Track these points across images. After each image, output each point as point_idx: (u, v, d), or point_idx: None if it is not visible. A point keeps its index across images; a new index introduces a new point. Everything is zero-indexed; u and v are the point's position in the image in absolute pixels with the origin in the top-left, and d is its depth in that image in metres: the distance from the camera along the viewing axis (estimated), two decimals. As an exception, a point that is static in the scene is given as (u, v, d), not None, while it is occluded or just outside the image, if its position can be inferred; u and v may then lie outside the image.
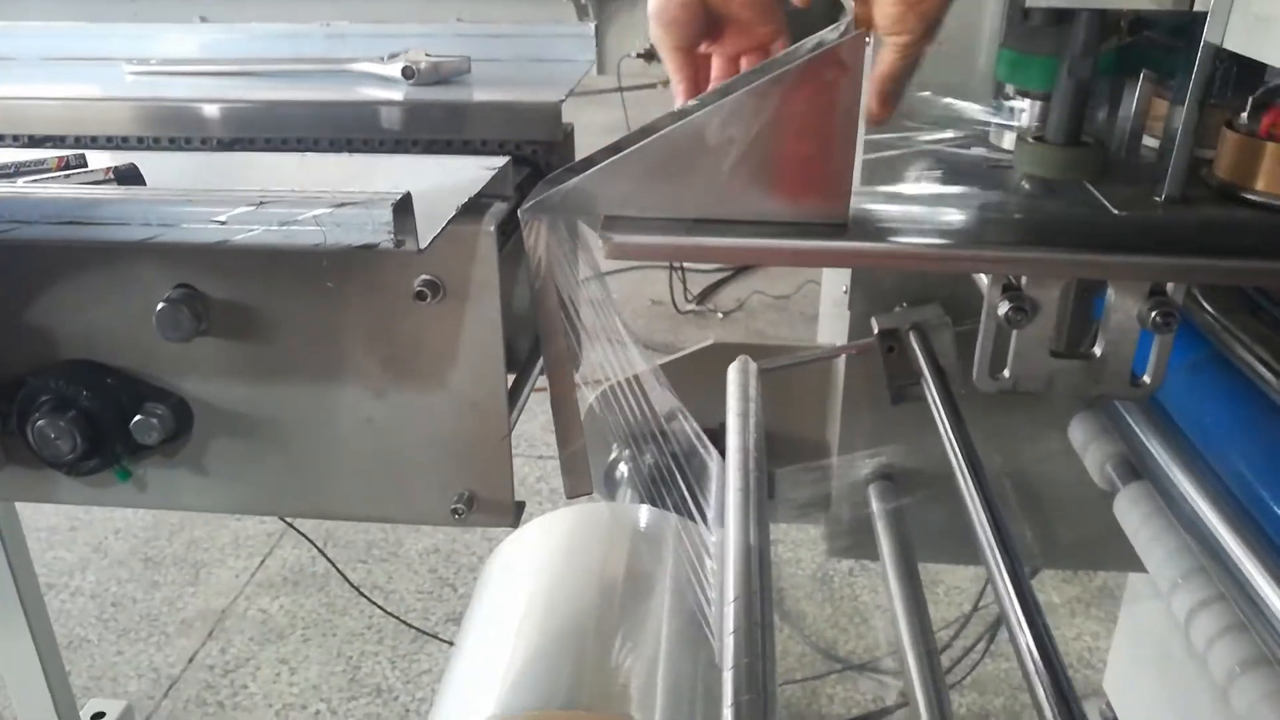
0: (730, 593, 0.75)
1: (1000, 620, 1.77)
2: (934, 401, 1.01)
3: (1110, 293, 0.72)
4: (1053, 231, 0.69)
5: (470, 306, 0.62)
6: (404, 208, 0.49)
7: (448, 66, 0.85)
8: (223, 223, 0.47)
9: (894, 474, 1.22)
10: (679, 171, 0.65)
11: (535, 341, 0.82)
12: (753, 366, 1.08)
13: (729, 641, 0.71)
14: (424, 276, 0.61)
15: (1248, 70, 0.66)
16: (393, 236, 0.48)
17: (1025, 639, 0.72)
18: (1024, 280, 0.73)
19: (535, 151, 0.79)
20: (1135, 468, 1.03)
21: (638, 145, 0.65)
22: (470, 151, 0.76)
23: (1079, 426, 1.14)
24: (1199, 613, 0.86)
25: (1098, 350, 0.76)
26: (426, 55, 0.85)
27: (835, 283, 1.24)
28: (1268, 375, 0.78)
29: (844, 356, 1.18)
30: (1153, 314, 0.71)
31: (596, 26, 0.97)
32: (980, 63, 1.04)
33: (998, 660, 1.84)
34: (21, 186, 0.53)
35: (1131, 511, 1.01)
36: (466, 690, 0.76)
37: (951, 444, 0.95)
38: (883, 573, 1.11)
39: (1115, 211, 0.66)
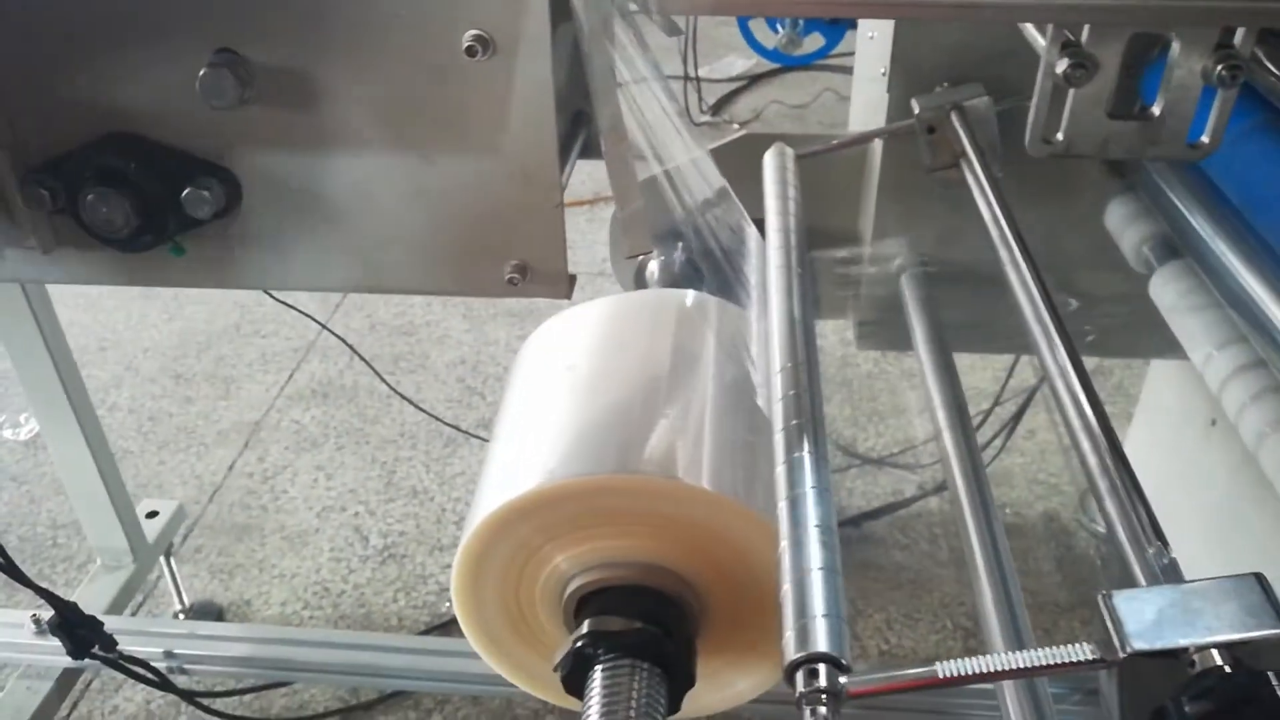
0: (777, 362, 0.76)
1: (1018, 416, 1.81)
2: (976, 182, 1.00)
3: (1175, 46, 0.69)
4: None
5: (520, 64, 0.61)
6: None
7: None
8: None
9: (928, 262, 1.22)
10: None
11: (573, 119, 0.81)
12: (789, 152, 1.06)
13: (778, 408, 0.72)
14: (474, 31, 0.59)
15: None
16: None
17: (1086, 423, 0.73)
18: (1084, 35, 0.70)
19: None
20: (1175, 247, 1.03)
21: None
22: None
23: (1115, 210, 1.13)
24: (1233, 380, 0.88)
25: (1156, 110, 0.74)
26: None
27: (870, 64, 1.20)
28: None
29: (880, 142, 1.15)
30: (1218, 68, 0.68)
31: None
32: None
33: (1013, 455, 1.90)
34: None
35: (1168, 289, 1.01)
36: (513, 464, 0.78)
37: (995, 221, 0.94)
38: (916, 361, 1.13)
39: (1193, -50, 0.63)
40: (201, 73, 0.61)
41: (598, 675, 0.71)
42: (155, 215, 0.66)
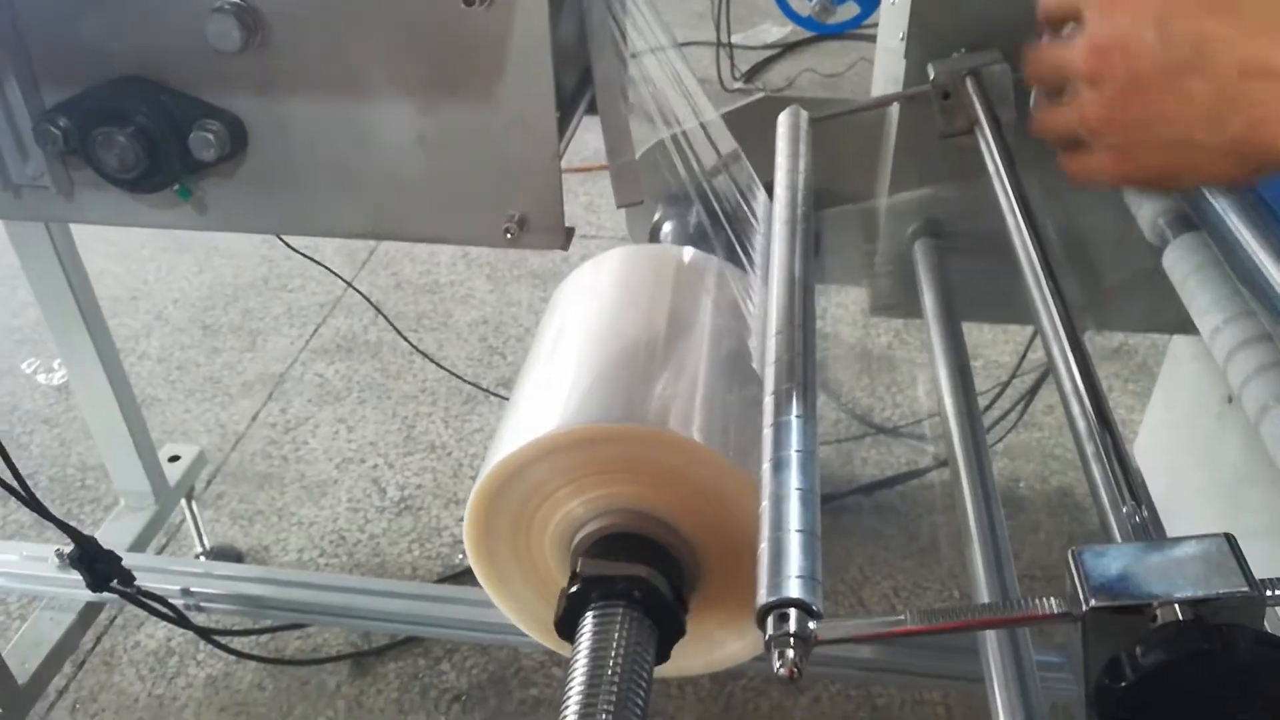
0: (774, 324, 0.77)
1: (1034, 390, 1.80)
2: (988, 150, 0.99)
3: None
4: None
5: (518, 13, 0.61)
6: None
7: None
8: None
9: (941, 231, 1.22)
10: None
11: (580, 78, 0.81)
12: (803, 115, 1.06)
13: (770, 372, 0.73)
14: (472, -21, 0.60)
15: None
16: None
17: (1075, 386, 0.71)
18: None
19: None
20: (1190, 220, 1.02)
21: None
22: None
23: (1135, 182, 1.12)
24: (1239, 352, 0.87)
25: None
26: None
27: (891, 30, 1.19)
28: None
29: (897, 108, 1.15)
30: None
31: None
32: None
33: (1030, 430, 1.89)
34: None
35: (1181, 262, 1.00)
36: (534, 408, 0.80)
37: (1005, 192, 0.93)
38: (925, 329, 1.12)
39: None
40: (207, 18, 0.62)
41: (589, 618, 0.73)
42: (162, 157, 0.67)
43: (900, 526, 1.69)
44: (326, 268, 1.86)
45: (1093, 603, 0.48)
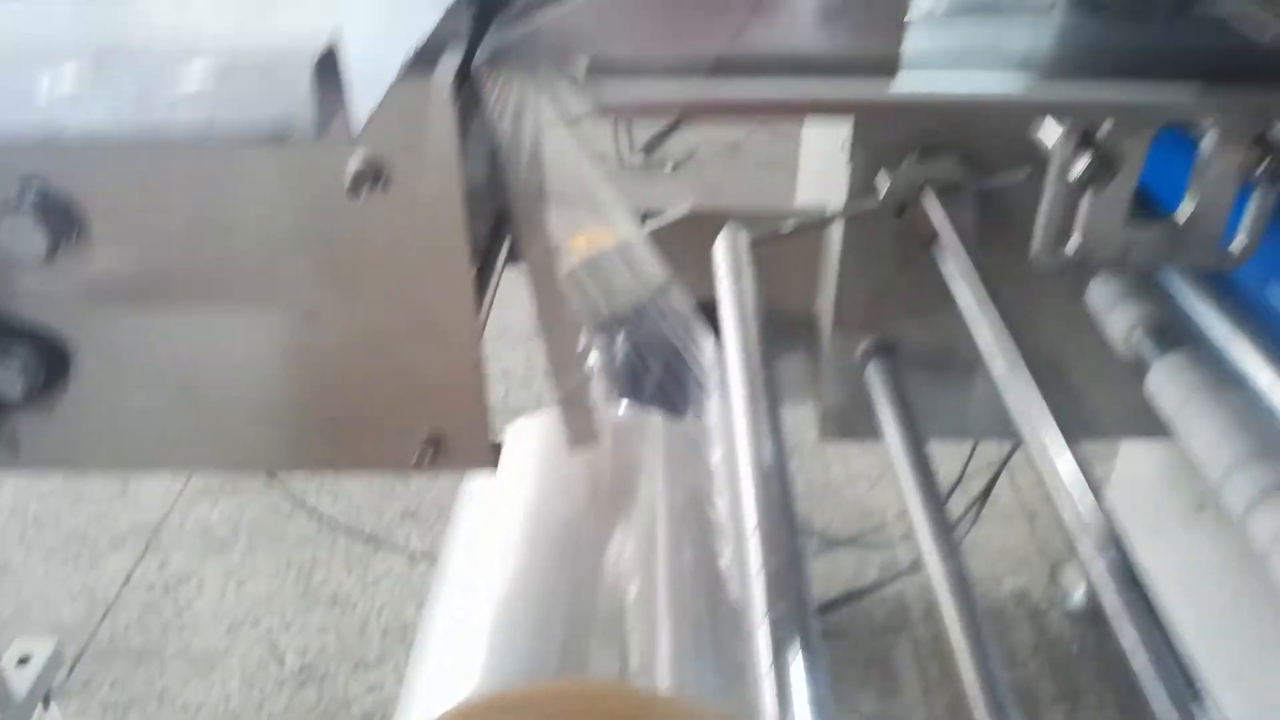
0: (749, 516, 0.63)
1: (985, 493, 1.69)
2: (957, 266, 0.88)
3: (1211, 137, 0.59)
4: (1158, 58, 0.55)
5: (422, 194, 0.47)
6: (329, 68, 0.32)
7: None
8: (46, 104, 0.30)
9: (896, 348, 1.11)
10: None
11: (492, 228, 0.67)
12: (744, 237, 0.94)
13: (757, 587, 0.59)
14: (360, 159, 0.45)
15: None
16: (315, 116, 0.31)
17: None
18: (1105, 129, 0.59)
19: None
20: (1174, 335, 0.92)
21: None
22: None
23: (1099, 290, 1.03)
24: (1267, 503, 0.77)
25: (1185, 212, 0.63)
26: None
27: (826, 132, 1.09)
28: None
29: (841, 220, 1.04)
30: (1263, 163, 0.58)
31: None
32: None
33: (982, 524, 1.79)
34: None
35: (1172, 385, 0.90)
36: (444, 664, 0.64)
37: (975, 316, 0.82)
38: (887, 451, 1.01)
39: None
40: (4, 218, 0.46)
41: None
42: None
43: (856, 651, 1.56)
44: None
45: None
